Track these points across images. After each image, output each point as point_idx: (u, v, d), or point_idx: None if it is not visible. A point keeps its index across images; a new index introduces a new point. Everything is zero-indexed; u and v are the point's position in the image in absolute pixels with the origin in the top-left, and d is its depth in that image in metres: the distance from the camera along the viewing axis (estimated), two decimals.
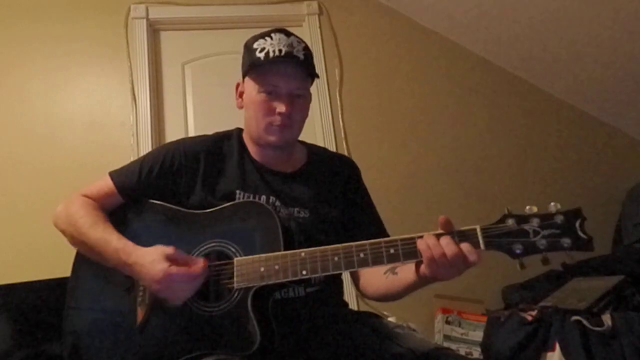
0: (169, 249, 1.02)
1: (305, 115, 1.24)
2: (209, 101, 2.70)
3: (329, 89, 2.79)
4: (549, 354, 1.81)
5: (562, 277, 2.26)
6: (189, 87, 2.77)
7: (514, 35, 2.73)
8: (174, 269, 0.98)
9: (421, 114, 2.83)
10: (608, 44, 2.49)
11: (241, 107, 1.26)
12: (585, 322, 1.73)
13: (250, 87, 1.20)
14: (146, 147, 2.50)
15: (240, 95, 1.26)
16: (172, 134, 2.63)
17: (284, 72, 1.15)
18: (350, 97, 2.80)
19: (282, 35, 1.17)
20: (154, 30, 2.81)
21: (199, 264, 1.01)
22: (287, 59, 1.14)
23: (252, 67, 1.17)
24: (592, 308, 1.81)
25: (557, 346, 1.77)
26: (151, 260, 1.00)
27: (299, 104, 1.19)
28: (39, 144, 2.49)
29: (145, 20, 2.74)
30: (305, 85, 1.21)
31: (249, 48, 1.19)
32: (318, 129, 2.72)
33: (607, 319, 1.72)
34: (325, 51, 2.84)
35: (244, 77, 1.24)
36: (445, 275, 0.91)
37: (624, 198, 2.67)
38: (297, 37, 1.20)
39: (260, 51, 1.15)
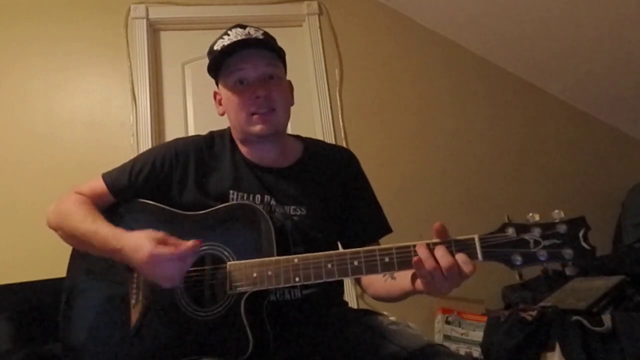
0: (159, 233, 0.98)
1: (286, 98, 1.22)
2: (209, 101, 2.61)
3: (329, 89, 2.79)
4: (549, 354, 1.81)
5: (562, 277, 2.26)
6: (189, 87, 2.77)
7: (514, 35, 2.72)
8: (160, 249, 0.95)
9: (421, 114, 2.82)
10: (608, 44, 2.49)
11: (222, 114, 1.25)
12: (585, 322, 1.73)
13: (224, 87, 1.21)
14: (146, 147, 2.48)
15: (220, 102, 1.26)
16: (172, 134, 2.62)
17: (249, 58, 1.15)
18: (350, 97, 2.80)
19: (237, 29, 1.18)
20: (154, 30, 2.81)
21: (189, 244, 0.97)
22: (245, 43, 1.14)
23: (218, 65, 1.18)
24: (592, 308, 1.80)
25: (557, 346, 1.77)
26: (139, 243, 0.97)
27: (276, 84, 1.18)
28: (39, 144, 2.49)
29: (145, 20, 2.73)
30: (276, 64, 1.19)
31: (211, 51, 1.20)
32: (318, 129, 2.72)
33: (607, 319, 1.72)
34: (325, 51, 2.84)
35: (217, 84, 1.25)
36: (442, 289, 0.88)
37: (624, 198, 2.67)
38: (254, 26, 1.20)
39: (220, 48, 1.16)
